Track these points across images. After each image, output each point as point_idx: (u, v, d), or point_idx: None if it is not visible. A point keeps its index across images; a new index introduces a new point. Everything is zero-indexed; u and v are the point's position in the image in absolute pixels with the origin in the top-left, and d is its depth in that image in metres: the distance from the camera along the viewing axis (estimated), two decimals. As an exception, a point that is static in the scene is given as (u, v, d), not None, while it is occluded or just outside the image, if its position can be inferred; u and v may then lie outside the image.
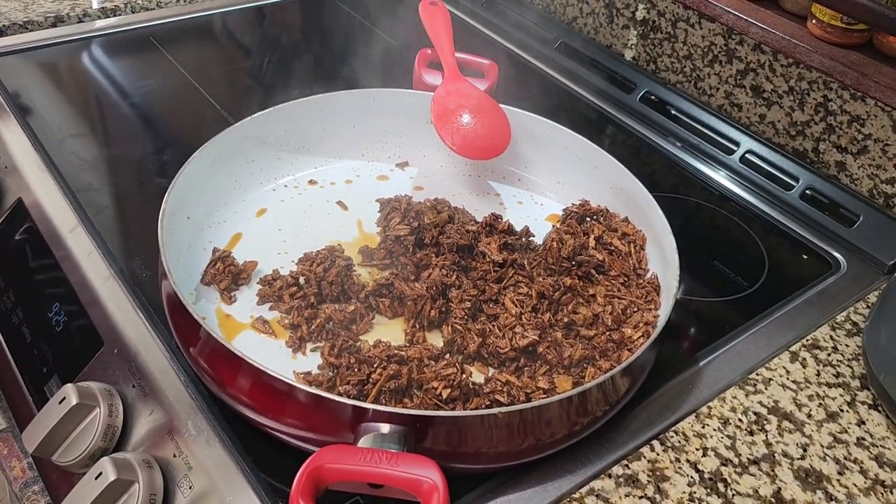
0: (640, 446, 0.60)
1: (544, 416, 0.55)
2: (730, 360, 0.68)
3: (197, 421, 0.58)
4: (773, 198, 0.89)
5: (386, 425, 0.51)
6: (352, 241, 0.75)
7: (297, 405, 0.54)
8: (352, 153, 0.86)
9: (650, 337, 0.60)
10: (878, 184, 0.87)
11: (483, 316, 0.66)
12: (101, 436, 0.59)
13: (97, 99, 0.96)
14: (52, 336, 0.70)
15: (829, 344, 0.70)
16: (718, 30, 0.97)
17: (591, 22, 1.13)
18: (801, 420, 0.63)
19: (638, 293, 0.69)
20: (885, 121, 0.83)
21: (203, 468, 0.56)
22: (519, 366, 0.63)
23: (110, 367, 0.64)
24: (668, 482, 0.57)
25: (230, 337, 0.65)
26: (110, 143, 0.88)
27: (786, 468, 0.59)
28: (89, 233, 0.73)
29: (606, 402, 0.58)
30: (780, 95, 0.93)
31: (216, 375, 0.58)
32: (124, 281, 0.69)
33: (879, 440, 0.62)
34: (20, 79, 0.97)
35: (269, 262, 0.71)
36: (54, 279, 0.72)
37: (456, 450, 0.54)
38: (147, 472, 0.55)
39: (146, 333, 0.64)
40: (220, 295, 0.68)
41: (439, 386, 0.59)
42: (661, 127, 0.99)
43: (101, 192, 0.80)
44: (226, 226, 0.75)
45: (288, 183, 0.82)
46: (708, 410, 0.63)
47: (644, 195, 0.73)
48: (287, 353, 0.64)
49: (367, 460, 0.48)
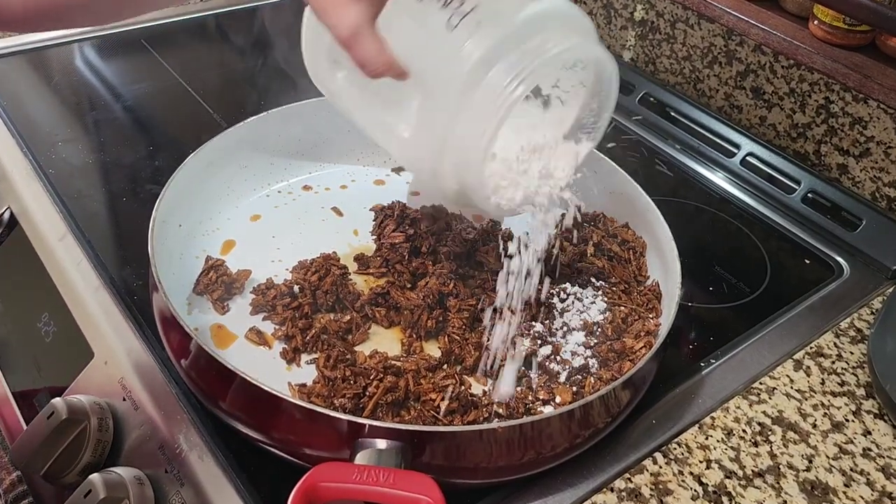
0: (643, 459, 0.58)
1: (545, 429, 0.53)
2: (733, 368, 0.67)
3: (189, 435, 0.57)
4: (775, 201, 0.88)
5: (383, 441, 0.50)
6: (347, 248, 0.73)
7: (291, 420, 0.52)
8: (347, 158, 0.85)
9: (652, 348, 0.59)
10: (880, 187, 0.86)
11: (481, 325, 0.65)
12: (90, 451, 0.58)
13: (88, 103, 0.95)
14: (42, 347, 0.69)
15: (834, 351, 0.69)
16: (718, 31, 0.96)
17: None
18: (805, 430, 0.62)
19: (639, 300, 0.68)
20: (887, 123, 0.82)
21: (195, 484, 0.54)
22: (518, 377, 0.62)
23: (100, 380, 0.63)
24: (672, 496, 0.56)
25: (223, 348, 0.63)
26: (101, 149, 0.87)
27: (791, 480, 0.58)
28: (79, 241, 0.72)
29: (608, 414, 0.57)
30: (781, 97, 0.92)
31: (208, 389, 0.56)
32: (115, 290, 0.68)
33: (886, 451, 0.61)
34: (10, 83, 0.96)
35: (263, 271, 0.70)
36: (43, 288, 0.70)
37: (455, 464, 0.53)
38: (138, 488, 0.54)
39: (137, 345, 0.63)
40: (212, 305, 0.67)
41: (437, 398, 0.58)
42: (660, 129, 0.98)
43: (91, 199, 0.79)
44: (219, 233, 0.74)
45: (282, 189, 0.81)
46: (711, 421, 0.62)
47: (643, 200, 0.72)
48: (281, 365, 0.63)
49: (363, 479, 0.47)
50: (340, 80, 0.60)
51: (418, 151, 0.56)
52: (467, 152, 0.53)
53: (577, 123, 0.61)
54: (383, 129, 0.58)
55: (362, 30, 0.47)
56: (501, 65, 0.51)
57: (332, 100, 0.63)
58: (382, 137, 0.60)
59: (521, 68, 0.51)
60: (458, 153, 0.53)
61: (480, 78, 0.51)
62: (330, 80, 0.60)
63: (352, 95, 0.60)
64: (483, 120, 0.51)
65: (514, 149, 0.59)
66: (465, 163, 0.54)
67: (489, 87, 0.51)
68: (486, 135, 0.52)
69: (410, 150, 0.57)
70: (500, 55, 0.51)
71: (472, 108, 0.51)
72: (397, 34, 0.50)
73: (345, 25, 0.46)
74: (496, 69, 0.51)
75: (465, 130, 0.52)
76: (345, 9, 0.46)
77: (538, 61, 0.51)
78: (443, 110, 0.52)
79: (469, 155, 0.53)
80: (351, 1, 0.46)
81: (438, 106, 0.52)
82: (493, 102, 0.51)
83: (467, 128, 0.52)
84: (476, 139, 0.52)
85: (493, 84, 0.51)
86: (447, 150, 0.53)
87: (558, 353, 0.62)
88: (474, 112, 0.51)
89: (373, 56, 0.48)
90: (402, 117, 0.55)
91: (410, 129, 0.55)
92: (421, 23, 0.53)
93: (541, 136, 0.60)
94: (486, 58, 0.51)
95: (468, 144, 0.53)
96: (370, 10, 0.47)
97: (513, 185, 0.59)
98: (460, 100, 0.51)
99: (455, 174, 0.55)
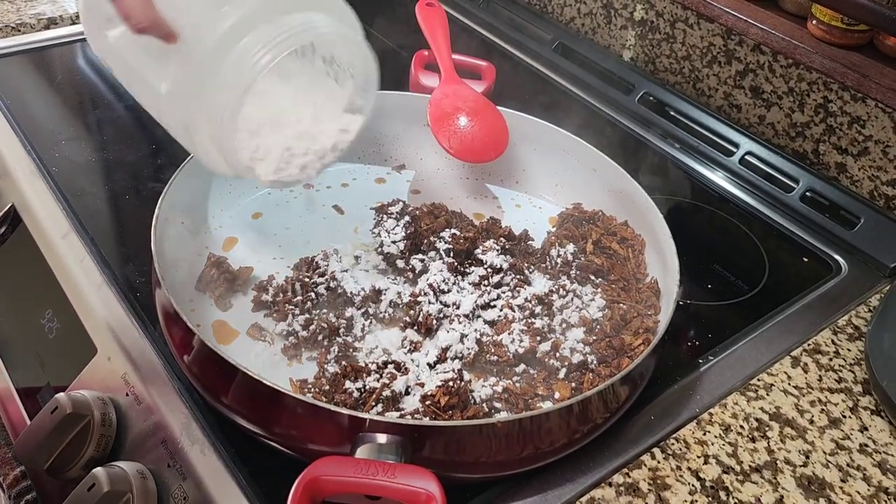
0: (641, 454, 0.59)
1: (544, 424, 0.54)
2: (731, 365, 0.67)
3: (191, 430, 0.57)
4: (773, 200, 0.88)
5: (383, 435, 0.51)
6: (348, 245, 0.74)
7: (292, 415, 0.53)
8: (348, 156, 0.84)
9: (650, 344, 0.59)
10: (878, 185, 0.86)
11: (481, 321, 0.66)
12: (94, 445, 0.58)
13: (91, 102, 0.96)
14: (45, 343, 0.69)
15: (831, 348, 0.69)
16: (717, 30, 0.96)
17: (589, 22, 1.13)
18: (803, 426, 0.62)
19: (637, 298, 0.68)
20: (885, 122, 0.83)
21: (197, 478, 0.55)
22: (517, 372, 0.62)
23: (104, 375, 0.63)
24: (670, 490, 0.56)
25: (225, 344, 0.64)
26: (104, 147, 0.88)
27: (788, 476, 0.58)
28: (82, 238, 0.73)
29: (606, 410, 0.58)
30: (779, 96, 0.92)
31: (210, 384, 0.57)
32: (118, 287, 0.68)
33: (882, 446, 0.61)
34: (13, 82, 0.96)
35: (265, 268, 0.70)
36: (47, 285, 0.71)
37: (454, 459, 0.54)
38: (141, 482, 0.55)
39: (140, 341, 0.64)
40: (214, 301, 0.67)
41: (437, 393, 0.58)
42: (659, 128, 0.98)
43: (94, 197, 0.80)
44: (221, 231, 0.74)
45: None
46: (709, 417, 0.62)
47: (643, 198, 0.73)
48: (283, 361, 0.63)
49: (363, 472, 0.47)
50: (111, 39, 0.59)
51: (175, 106, 0.56)
52: (217, 116, 0.54)
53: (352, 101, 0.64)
54: (145, 87, 0.58)
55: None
56: (255, 33, 0.52)
57: (103, 59, 0.63)
58: (144, 97, 0.60)
59: (270, 38, 0.52)
60: (209, 114, 0.54)
61: (234, 42, 0.52)
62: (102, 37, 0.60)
63: (120, 54, 0.60)
64: (230, 87, 0.53)
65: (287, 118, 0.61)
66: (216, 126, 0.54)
67: (239, 54, 0.52)
68: (231, 103, 0.53)
69: (167, 104, 0.56)
70: (256, 23, 0.52)
71: (226, 69, 0.52)
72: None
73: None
74: (250, 37, 0.52)
75: (215, 93, 0.53)
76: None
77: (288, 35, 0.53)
78: (197, 70, 0.53)
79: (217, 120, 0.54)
80: None
81: (194, 60, 0.53)
82: (241, 70, 0.52)
83: (217, 92, 0.53)
84: (223, 106, 0.53)
85: (244, 51, 0.52)
86: (199, 111, 0.54)
87: (557, 350, 0.63)
88: (223, 77, 0.52)
89: (137, 9, 0.49)
90: (161, 75, 0.55)
91: (168, 85, 0.55)
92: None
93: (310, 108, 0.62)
94: (242, 22, 0.52)
95: (217, 108, 0.54)
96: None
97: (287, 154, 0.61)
98: (213, 61, 0.52)
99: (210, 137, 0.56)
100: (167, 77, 0.54)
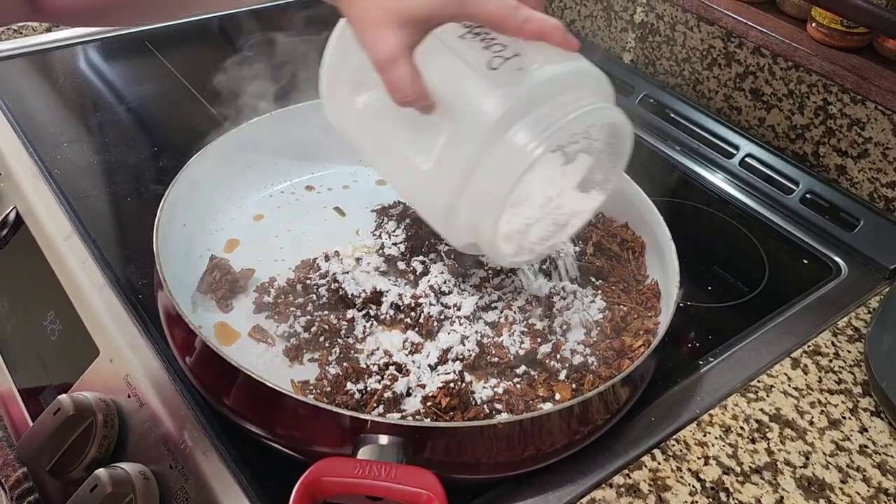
0: (641, 455, 0.59)
1: (544, 425, 0.54)
2: (731, 366, 0.67)
3: (193, 431, 0.58)
4: (773, 202, 0.88)
5: (384, 437, 0.51)
6: (349, 247, 0.74)
7: (294, 416, 0.53)
8: (349, 158, 0.85)
9: (651, 346, 0.59)
10: (878, 188, 0.86)
11: (482, 323, 0.66)
12: (96, 446, 0.58)
13: (92, 104, 0.96)
14: (48, 345, 0.70)
15: (831, 350, 0.70)
16: (717, 33, 0.96)
17: (590, 25, 1.13)
18: (803, 428, 0.62)
19: (638, 299, 0.69)
20: (885, 124, 0.83)
21: (199, 479, 0.55)
22: (518, 374, 0.62)
23: (106, 377, 0.63)
24: (670, 491, 0.57)
25: (226, 346, 0.64)
26: (105, 149, 0.88)
27: (788, 477, 0.58)
28: (84, 240, 0.73)
29: (607, 411, 0.58)
30: (779, 99, 0.93)
31: (212, 385, 0.57)
32: (120, 289, 0.68)
33: (882, 448, 0.61)
34: (15, 84, 0.96)
35: (266, 270, 0.70)
36: (49, 287, 0.71)
37: (455, 460, 0.54)
38: (143, 483, 0.55)
39: (142, 343, 0.64)
40: (216, 303, 0.67)
41: (438, 394, 0.58)
42: (659, 130, 0.98)
43: (96, 199, 0.80)
44: (222, 233, 0.75)
45: (285, 189, 0.81)
46: (709, 418, 0.62)
47: (643, 200, 0.73)
48: (284, 362, 0.63)
49: (365, 473, 0.48)
50: (359, 105, 0.59)
51: (437, 185, 0.55)
52: (484, 200, 0.53)
53: (588, 177, 0.62)
54: (397, 159, 0.58)
55: (400, 55, 0.47)
56: (527, 119, 0.51)
57: (341, 125, 0.63)
58: (393, 168, 0.60)
59: (545, 126, 0.51)
60: (476, 197, 0.53)
61: (507, 128, 0.51)
62: (347, 104, 0.60)
63: (367, 122, 0.60)
64: (504, 173, 0.52)
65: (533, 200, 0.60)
66: (481, 209, 0.54)
67: (513, 142, 0.51)
68: (504, 189, 0.52)
69: (427, 182, 0.56)
70: (529, 109, 0.51)
71: (496, 156, 0.52)
72: (434, 68, 0.50)
73: (384, 49, 0.47)
74: (522, 123, 0.51)
75: (486, 176, 0.52)
76: (386, 31, 0.47)
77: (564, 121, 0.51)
78: (470, 148, 0.52)
79: (486, 203, 0.53)
80: (393, 26, 0.46)
81: (466, 143, 0.52)
82: (515, 157, 0.51)
83: (489, 174, 0.52)
84: (494, 192, 0.52)
85: (517, 139, 0.51)
86: (466, 191, 0.53)
87: (558, 351, 0.63)
88: (497, 161, 0.52)
89: (406, 83, 0.48)
90: (423, 150, 0.55)
91: (431, 162, 0.54)
92: (461, 59, 0.53)
93: (555, 188, 0.61)
94: (514, 109, 0.51)
95: (487, 192, 0.53)
96: (411, 37, 0.47)
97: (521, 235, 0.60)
98: (487, 144, 0.52)
99: (468, 216, 0.55)
100: (427, 150, 0.54)
